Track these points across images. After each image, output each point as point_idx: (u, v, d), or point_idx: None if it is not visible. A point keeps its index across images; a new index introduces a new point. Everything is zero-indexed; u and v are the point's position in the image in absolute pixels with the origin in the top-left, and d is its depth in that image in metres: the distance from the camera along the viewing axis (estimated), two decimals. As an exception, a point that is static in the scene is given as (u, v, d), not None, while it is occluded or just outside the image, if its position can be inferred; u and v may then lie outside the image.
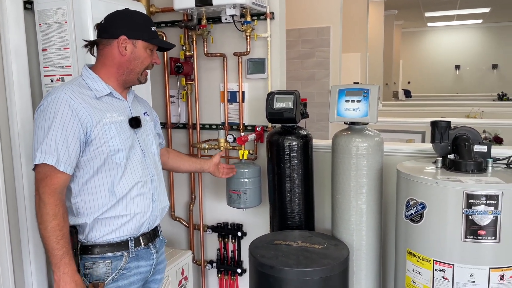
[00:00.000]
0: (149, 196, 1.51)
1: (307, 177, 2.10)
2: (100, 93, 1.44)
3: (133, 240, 1.48)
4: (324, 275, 1.65)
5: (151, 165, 1.55)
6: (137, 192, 1.47)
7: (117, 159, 1.42)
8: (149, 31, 1.49)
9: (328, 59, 4.13)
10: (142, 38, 1.47)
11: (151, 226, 1.54)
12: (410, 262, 1.72)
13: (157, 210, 1.55)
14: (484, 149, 1.76)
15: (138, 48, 1.47)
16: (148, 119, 1.62)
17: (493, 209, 1.52)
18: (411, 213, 1.68)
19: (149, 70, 1.56)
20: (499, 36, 11.22)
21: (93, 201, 1.41)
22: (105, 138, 1.39)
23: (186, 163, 1.96)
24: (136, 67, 1.48)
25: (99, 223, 1.42)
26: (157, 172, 1.58)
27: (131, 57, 1.46)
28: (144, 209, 1.49)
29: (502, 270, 1.56)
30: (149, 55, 1.50)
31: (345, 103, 1.93)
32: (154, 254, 1.56)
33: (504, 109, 5.95)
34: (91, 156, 1.39)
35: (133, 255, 1.47)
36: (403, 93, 9.07)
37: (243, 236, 2.55)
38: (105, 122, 1.40)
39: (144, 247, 1.52)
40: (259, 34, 2.30)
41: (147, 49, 1.49)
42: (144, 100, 1.71)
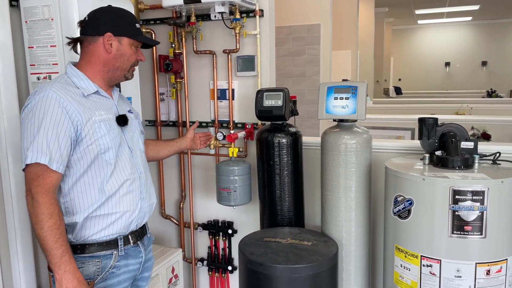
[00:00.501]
0: (138, 194, 1.51)
1: (296, 174, 2.11)
2: (87, 91, 1.42)
3: (122, 238, 1.48)
4: (313, 271, 1.66)
5: (139, 163, 1.55)
6: (126, 190, 1.47)
7: (107, 157, 1.42)
8: (134, 28, 1.48)
9: (318, 56, 4.14)
10: (127, 35, 1.45)
11: (139, 224, 1.54)
12: (398, 258, 1.73)
13: (145, 208, 1.55)
14: (471, 145, 1.78)
15: (124, 45, 1.46)
16: (133, 116, 1.61)
17: (479, 205, 1.53)
18: (399, 209, 1.70)
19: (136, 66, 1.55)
20: (488, 33, 11.33)
21: (82, 200, 1.40)
22: (95, 136, 1.39)
23: (165, 149, 1.94)
24: (122, 65, 1.47)
25: (88, 222, 1.41)
26: (144, 169, 1.58)
27: (117, 55, 1.45)
28: (133, 207, 1.49)
29: (488, 265, 1.58)
30: (134, 52, 1.49)
31: (333, 100, 1.94)
32: (142, 252, 1.56)
33: (492, 105, 6.02)
34: (81, 155, 1.38)
35: (122, 254, 1.47)
36: (393, 90, 9.12)
37: (233, 234, 2.55)
38: (95, 120, 1.39)
39: (133, 245, 1.52)
40: (249, 31, 2.30)
41: (132, 46, 1.48)
42: (126, 98, 1.71)
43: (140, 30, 1.50)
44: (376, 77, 8.44)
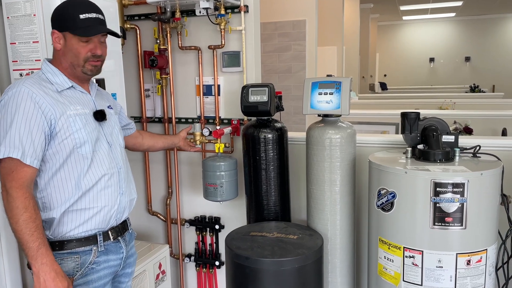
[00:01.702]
0: (116, 189, 1.51)
1: (282, 169, 2.13)
2: (61, 86, 1.42)
3: (102, 234, 1.47)
4: (299, 264, 1.69)
5: (118, 158, 1.54)
6: (104, 185, 1.46)
7: (83, 152, 1.41)
8: (76, 20, 1.40)
9: (304, 52, 4.16)
10: (68, 29, 1.40)
11: (119, 219, 1.54)
12: (381, 250, 1.77)
13: (125, 203, 1.55)
14: (452, 139, 1.82)
15: (69, 40, 1.41)
16: (113, 112, 1.60)
17: (460, 197, 1.58)
18: (382, 202, 1.73)
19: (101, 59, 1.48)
20: (471, 29, 11.51)
21: (59, 195, 1.40)
22: (70, 131, 1.38)
23: (160, 141, 2.02)
24: (73, 60, 1.43)
25: (65, 217, 1.41)
26: (124, 164, 1.58)
27: (65, 51, 1.42)
28: (112, 202, 1.49)
29: (469, 255, 1.62)
30: (83, 45, 1.42)
31: (318, 95, 1.96)
32: (123, 247, 1.56)
33: (475, 100, 6.13)
34: (57, 149, 1.37)
35: (102, 249, 1.47)
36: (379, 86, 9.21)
37: (220, 229, 2.56)
38: (69, 114, 1.38)
39: (113, 241, 1.51)
40: (234, 27, 2.30)
41: (81, 40, 1.41)
42: (106, 93, 1.70)
43: (86, 21, 1.41)
44: (361, 73, 8.51)
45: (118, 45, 2.05)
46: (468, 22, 11.50)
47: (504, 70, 10.93)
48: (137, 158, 2.70)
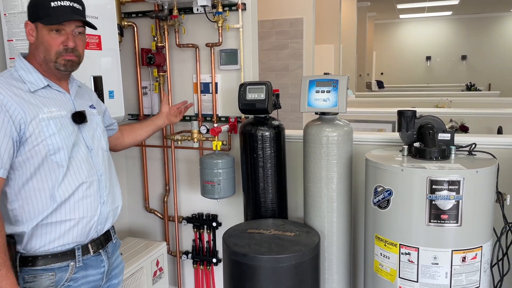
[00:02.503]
0: (97, 198, 1.37)
1: (279, 167, 2.14)
2: (35, 86, 1.29)
3: (81, 248, 1.34)
4: (296, 261, 1.70)
5: (99, 164, 1.40)
6: (82, 195, 1.33)
7: (57, 159, 1.28)
8: (48, 8, 1.27)
9: (301, 50, 4.17)
10: (39, 19, 1.27)
11: (100, 231, 1.40)
12: (378, 247, 1.78)
13: (106, 213, 1.41)
14: (448, 137, 1.84)
15: (40, 31, 1.28)
16: (95, 112, 1.47)
17: (455, 194, 1.59)
18: (378, 199, 1.74)
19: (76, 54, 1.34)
20: (468, 28, 11.54)
21: (32, 207, 1.27)
22: (43, 136, 1.25)
23: (142, 131, 1.86)
24: (46, 54, 1.29)
25: (39, 230, 1.28)
26: (106, 170, 1.43)
27: (37, 43, 1.30)
28: (91, 213, 1.35)
29: (464, 252, 1.64)
30: (54, 37, 1.28)
31: (315, 93, 1.97)
32: (105, 260, 1.42)
33: (471, 98, 6.15)
34: (27, 156, 1.25)
35: (80, 265, 1.34)
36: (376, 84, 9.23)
37: (218, 227, 2.57)
38: (42, 118, 1.25)
39: (94, 255, 1.38)
40: (231, 25, 2.31)
41: (52, 31, 1.28)
42: (90, 91, 1.58)
43: (57, 9, 1.27)
44: (358, 71, 8.52)
45: (115, 42, 2.05)
46: (464, 21, 11.54)
47: (500, 68, 10.98)
48: (134, 155, 2.70)
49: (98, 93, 1.91)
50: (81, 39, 1.36)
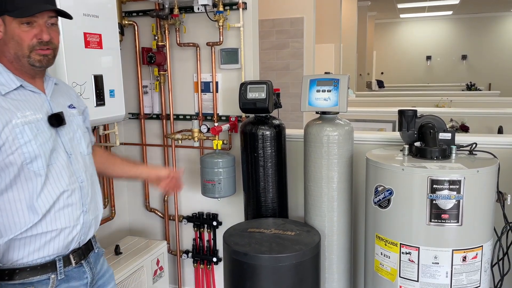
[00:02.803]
0: (79, 207, 1.27)
1: (280, 166, 2.14)
2: (6, 87, 1.18)
3: (62, 259, 1.24)
4: (296, 260, 1.70)
5: (80, 169, 1.30)
6: (63, 204, 1.23)
7: (35, 168, 1.17)
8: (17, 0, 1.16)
9: (302, 49, 4.16)
10: (7, 11, 1.15)
11: (83, 241, 1.31)
12: (378, 246, 1.78)
13: (89, 222, 1.31)
14: (448, 136, 1.84)
15: (8, 25, 1.16)
16: (75, 112, 1.35)
17: (456, 194, 1.59)
18: (379, 199, 1.74)
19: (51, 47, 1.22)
20: (468, 28, 11.53)
21: (7, 220, 1.17)
22: (17, 144, 1.14)
23: (117, 168, 1.62)
24: (18, 50, 1.17)
25: (17, 243, 1.18)
26: (87, 176, 1.33)
27: (6, 39, 1.17)
28: (73, 223, 1.25)
29: (465, 251, 1.64)
30: (26, 30, 1.17)
31: (316, 93, 1.97)
32: (88, 272, 1.32)
33: (471, 98, 6.15)
34: (1, 167, 1.15)
35: (62, 277, 1.24)
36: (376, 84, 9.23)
37: (218, 226, 2.57)
38: (16, 123, 1.14)
39: (76, 266, 1.28)
40: (232, 24, 2.30)
41: (22, 23, 1.17)
42: (69, 88, 1.43)
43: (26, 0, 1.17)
44: (359, 71, 8.52)
45: (116, 41, 2.05)
46: (465, 20, 11.53)
47: (500, 68, 10.97)
48: (134, 154, 2.70)
49: (98, 92, 1.91)
50: (55, 30, 1.24)
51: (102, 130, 2.28)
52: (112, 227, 2.63)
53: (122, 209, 2.72)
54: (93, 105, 1.88)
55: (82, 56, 1.82)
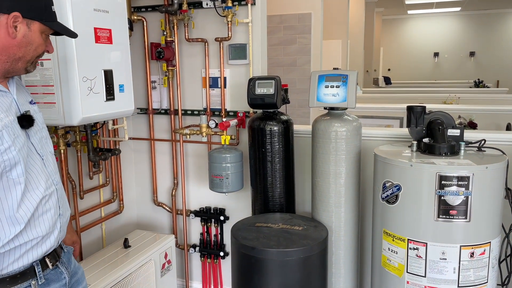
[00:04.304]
0: (56, 211, 1.23)
1: (288, 162, 2.15)
2: None
3: (39, 263, 1.20)
4: (304, 255, 1.71)
5: (53, 171, 1.25)
6: (42, 210, 1.18)
7: (14, 176, 1.09)
8: (50, 11, 1.19)
9: (309, 45, 4.16)
10: (41, 19, 1.15)
11: (58, 245, 1.28)
12: (386, 242, 1.79)
13: (64, 225, 1.28)
14: (457, 133, 1.83)
15: (33, 31, 1.15)
16: (36, 109, 1.27)
17: (464, 190, 1.59)
18: (387, 194, 1.75)
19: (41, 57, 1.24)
20: (476, 24, 11.43)
21: None
22: None
23: None
24: (27, 55, 1.16)
25: None
26: (59, 177, 1.29)
27: (22, 42, 1.14)
28: (51, 228, 1.21)
29: (472, 247, 1.64)
30: (44, 40, 1.19)
31: (324, 88, 1.97)
32: (64, 271, 1.29)
33: (479, 95, 6.11)
34: None
35: (42, 281, 1.20)
36: (383, 80, 9.18)
37: (225, 220, 2.59)
38: None
39: (53, 268, 1.25)
40: (240, 19, 2.31)
41: (44, 33, 1.19)
42: (22, 84, 1.33)
43: (55, 15, 1.21)
44: (366, 67, 8.49)
45: (125, 36, 2.07)
46: (473, 17, 11.42)
47: (508, 65, 10.87)
48: (143, 149, 2.72)
49: (108, 87, 1.92)
50: None
51: (111, 125, 2.30)
52: (120, 221, 2.66)
53: (130, 203, 2.75)
54: (103, 100, 1.90)
55: (92, 51, 1.83)
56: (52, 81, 1.77)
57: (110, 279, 1.93)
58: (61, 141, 2.06)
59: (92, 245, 2.42)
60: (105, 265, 2.04)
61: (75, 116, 1.78)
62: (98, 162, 2.29)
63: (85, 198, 2.32)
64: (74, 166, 2.25)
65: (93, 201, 2.43)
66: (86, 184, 2.35)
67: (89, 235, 2.40)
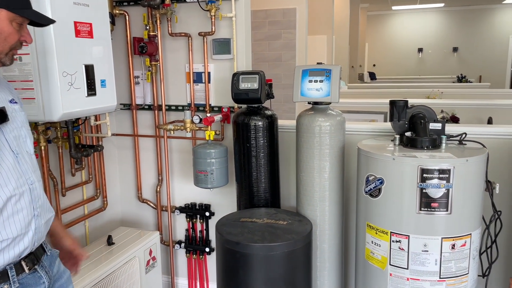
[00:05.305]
0: (30, 211, 1.17)
1: (272, 157, 2.15)
2: None
3: (13, 267, 1.14)
4: (288, 249, 1.72)
5: (29, 170, 1.19)
6: (12, 210, 1.12)
7: None
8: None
9: (294, 41, 4.16)
10: (8, 6, 1.08)
11: (35, 247, 1.22)
12: (369, 235, 1.81)
13: (42, 226, 1.22)
14: (439, 126, 1.86)
15: (1, 20, 1.09)
16: (17, 108, 1.23)
17: (446, 183, 1.61)
18: (370, 188, 1.76)
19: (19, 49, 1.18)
20: (459, 20, 11.59)
21: None
22: None
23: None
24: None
25: None
26: (37, 177, 1.23)
27: None
28: (24, 230, 1.15)
29: (454, 239, 1.66)
30: (16, 30, 1.12)
31: (308, 83, 1.97)
32: (44, 276, 1.23)
33: (462, 90, 6.20)
34: None
35: (16, 286, 1.15)
36: (368, 76, 9.25)
37: (211, 216, 2.58)
38: None
39: (30, 272, 1.18)
40: (224, 14, 2.29)
41: (14, 22, 1.11)
42: (7, 82, 1.30)
43: (28, 1, 1.15)
44: (351, 63, 8.53)
45: (107, 31, 2.03)
46: (456, 13, 11.57)
47: (490, 60, 11.06)
48: (126, 145, 2.69)
49: (89, 82, 1.89)
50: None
51: (94, 121, 2.26)
52: (104, 218, 2.63)
53: (114, 200, 2.72)
54: (84, 95, 1.87)
55: (72, 46, 1.80)
56: (32, 76, 1.74)
57: (93, 277, 1.91)
58: (42, 137, 2.03)
59: (75, 243, 2.39)
60: (88, 262, 2.02)
61: (55, 112, 1.75)
62: (80, 159, 2.26)
63: (67, 195, 2.29)
64: (55, 163, 2.22)
65: (76, 198, 2.39)
66: (68, 181, 2.31)
67: (72, 232, 2.37)
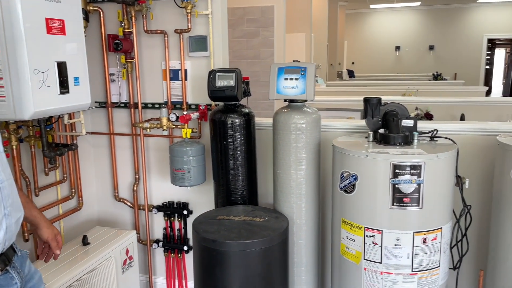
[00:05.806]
0: (0, 210, 1.15)
1: (250, 154, 2.16)
2: None
3: None
4: (264, 246, 1.73)
5: None
6: None
7: None
8: None
9: (272, 38, 4.18)
10: None
11: (6, 247, 1.19)
12: (344, 230, 1.84)
13: (12, 225, 1.19)
14: (411, 123, 1.90)
15: None
16: None
17: (417, 178, 1.65)
18: (344, 184, 1.79)
19: None
20: (435, 19, 11.83)
21: None
22: None
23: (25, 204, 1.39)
24: None
25: None
26: (6, 175, 1.19)
27: None
28: None
29: (425, 233, 1.71)
30: None
31: (284, 81, 1.99)
32: (16, 277, 1.22)
33: (437, 87, 6.35)
34: None
35: None
36: (347, 73, 9.35)
37: (189, 214, 2.57)
38: None
39: (2, 273, 1.17)
40: (200, 11, 2.28)
41: None
42: None
43: None
44: (330, 60, 8.61)
45: (80, 27, 2.00)
46: (432, 12, 11.81)
47: (465, 58, 11.34)
48: (102, 144, 2.66)
49: (62, 80, 1.86)
50: None
51: (67, 119, 2.23)
52: (79, 218, 2.59)
53: (90, 199, 2.68)
54: (56, 93, 1.83)
55: (44, 43, 1.76)
56: (1, 74, 1.70)
57: (67, 277, 1.88)
58: (13, 136, 1.98)
59: (50, 244, 2.35)
60: (63, 263, 1.98)
61: (26, 110, 1.71)
62: (54, 158, 2.22)
63: (40, 195, 2.25)
64: (28, 163, 2.17)
65: (50, 198, 2.35)
66: (42, 181, 2.27)
67: (47, 233, 2.32)
